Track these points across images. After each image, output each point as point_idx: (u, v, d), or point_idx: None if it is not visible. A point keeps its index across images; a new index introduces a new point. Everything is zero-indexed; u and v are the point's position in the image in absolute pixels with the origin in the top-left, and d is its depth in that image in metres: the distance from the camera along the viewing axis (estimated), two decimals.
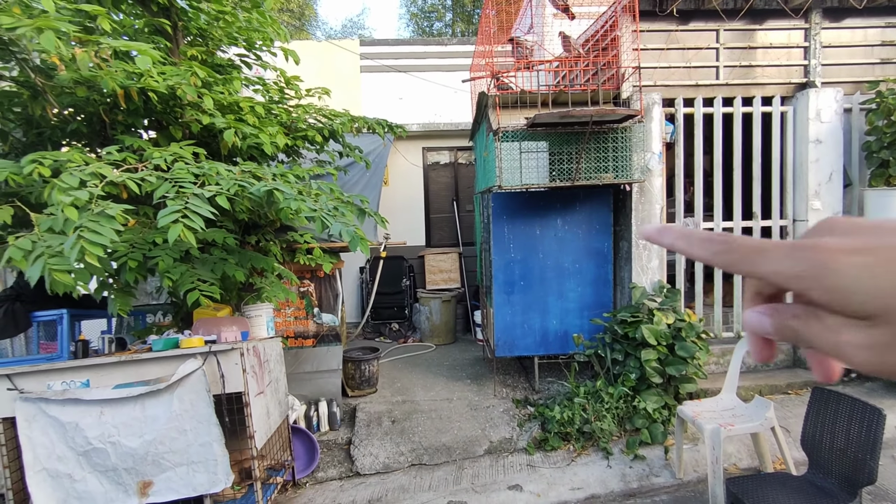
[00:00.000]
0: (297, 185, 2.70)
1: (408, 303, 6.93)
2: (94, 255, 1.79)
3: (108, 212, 1.90)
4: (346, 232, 2.34)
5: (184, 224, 2.07)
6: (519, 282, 4.44)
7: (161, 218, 1.95)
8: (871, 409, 2.41)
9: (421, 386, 4.81)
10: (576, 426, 3.68)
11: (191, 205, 2.13)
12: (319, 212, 2.39)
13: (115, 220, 1.90)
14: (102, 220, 1.87)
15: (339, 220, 2.40)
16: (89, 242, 1.78)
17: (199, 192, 2.21)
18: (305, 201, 2.49)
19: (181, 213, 2.06)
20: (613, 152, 3.90)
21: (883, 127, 4.00)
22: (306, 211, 2.30)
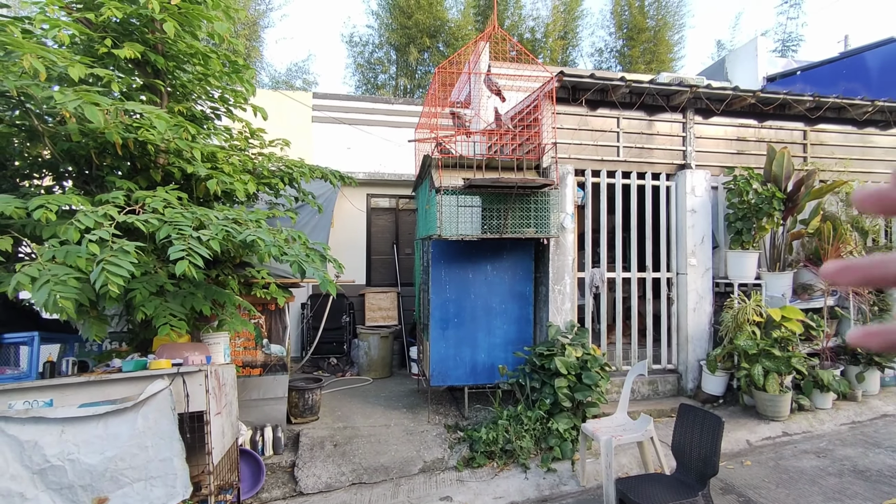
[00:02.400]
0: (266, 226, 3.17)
1: (347, 338, 7.29)
2: (116, 283, 2.18)
3: (126, 248, 2.29)
4: (318, 275, 2.84)
5: (188, 261, 2.49)
6: (453, 319, 5.04)
7: (172, 253, 2.37)
8: (714, 417, 3.19)
9: (360, 414, 5.19)
10: (499, 445, 4.24)
11: (193, 246, 2.56)
12: (297, 258, 2.88)
13: (130, 254, 2.30)
14: (120, 254, 2.26)
15: (310, 265, 2.90)
16: (112, 274, 2.17)
17: (198, 235, 2.65)
18: (282, 248, 2.97)
19: (186, 252, 2.49)
20: (535, 211, 4.69)
21: (737, 204, 5.13)
22: (288, 257, 2.78)
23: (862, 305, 5.22)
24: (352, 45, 18.51)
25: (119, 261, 2.23)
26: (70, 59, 2.42)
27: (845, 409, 4.90)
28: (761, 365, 4.52)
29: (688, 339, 5.22)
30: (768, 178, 5.15)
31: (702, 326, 5.24)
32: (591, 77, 5.03)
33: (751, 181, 5.04)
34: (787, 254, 5.29)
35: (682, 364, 5.28)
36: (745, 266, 5.10)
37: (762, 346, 4.55)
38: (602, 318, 5.22)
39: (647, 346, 5.33)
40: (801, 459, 3.99)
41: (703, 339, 5.25)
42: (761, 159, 5.61)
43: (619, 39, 19.10)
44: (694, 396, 5.15)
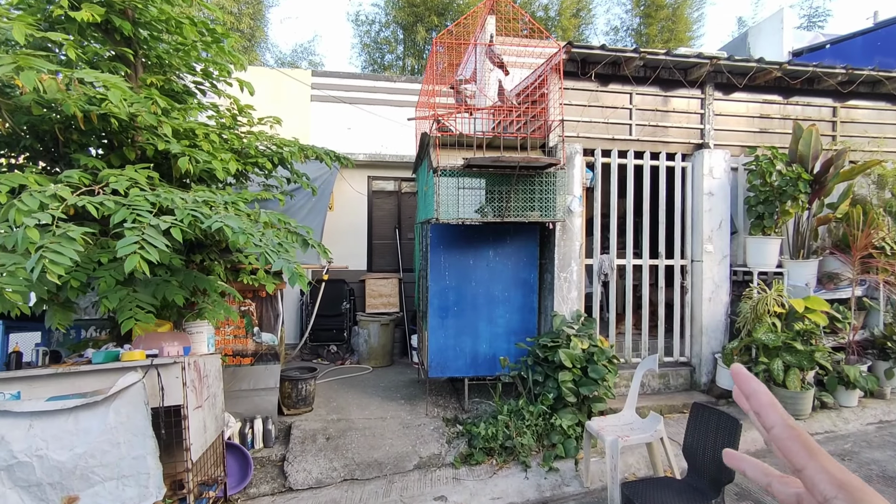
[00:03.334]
0: (245, 210, 2.92)
1: (347, 325, 7.09)
2: (56, 273, 1.94)
3: (70, 234, 2.05)
4: (287, 269, 2.57)
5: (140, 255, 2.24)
6: (453, 307, 4.78)
7: (120, 248, 2.12)
8: (731, 419, 2.91)
9: (356, 405, 4.99)
10: (499, 442, 4.01)
11: (147, 236, 2.31)
12: (264, 247, 2.62)
13: (76, 241, 2.06)
14: (64, 241, 2.02)
15: (282, 256, 2.64)
16: (52, 262, 1.93)
17: (156, 223, 2.39)
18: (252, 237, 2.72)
19: (139, 245, 2.24)
20: (540, 193, 4.39)
21: (759, 186, 4.76)
22: (252, 248, 2.52)
23: (893, 296, 4.86)
24: (358, 25, 18.07)
25: (62, 248, 1.99)
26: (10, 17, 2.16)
27: (872, 407, 4.58)
28: (781, 359, 4.21)
29: (702, 331, 4.91)
30: (794, 158, 4.77)
31: (717, 317, 4.93)
32: (602, 49, 4.67)
33: (774, 161, 4.67)
34: (811, 240, 4.92)
35: (696, 357, 4.99)
36: (766, 253, 4.76)
37: (783, 339, 4.23)
38: (611, 308, 4.93)
39: (659, 338, 5.04)
40: None
41: (719, 331, 4.94)
42: (786, 139, 5.22)
43: (636, 17, 18.40)
44: (708, 391, 4.86)
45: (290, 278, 2.49)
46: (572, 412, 4.09)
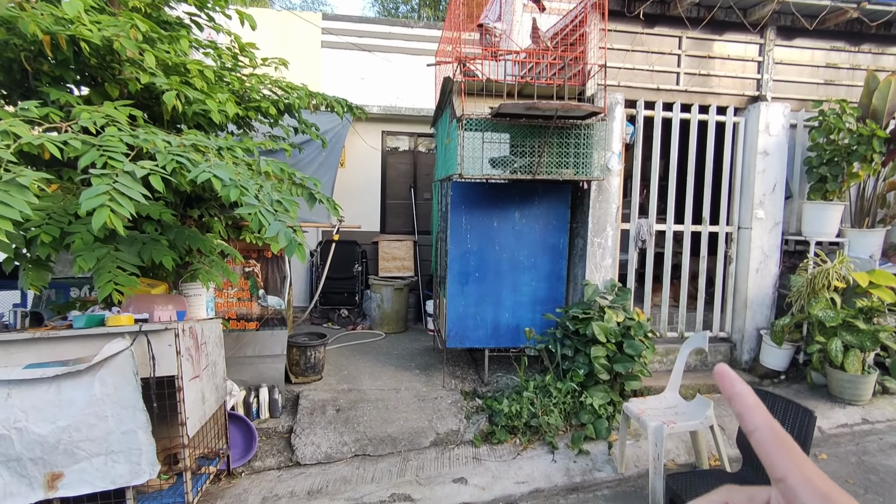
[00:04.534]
0: (243, 159, 2.50)
1: (359, 289, 6.76)
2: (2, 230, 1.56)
3: (21, 180, 1.66)
4: (284, 234, 2.17)
5: (111, 209, 1.85)
6: (474, 273, 4.39)
7: (85, 200, 1.73)
8: (803, 410, 2.52)
9: (368, 374, 4.69)
10: (523, 420, 3.68)
11: (120, 184, 1.91)
12: (258, 206, 2.21)
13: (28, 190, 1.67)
14: (13, 189, 1.63)
15: (280, 216, 2.23)
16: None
17: (131, 168, 1.99)
18: (247, 192, 2.30)
19: (108, 196, 1.84)
20: (575, 149, 3.90)
21: (823, 144, 4.22)
22: (244, 206, 2.12)
23: None
24: None
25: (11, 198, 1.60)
26: None
27: None
28: (841, 339, 3.78)
29: (746, 305, 4.48)
30: (866, 113, 4.19)
31: (764, 290, 4.48)
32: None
33: (844, 116, 4.10)
34: (878, 207, 4.40)
35: (738, 332, 4.57)
36: (826, 221, 4.26)
37: (843, 316, 3.79)
38: (647, 278, 4.50)
39: (698, 311, 4.62)
40: (891, 456, 3.32)
41: (765, 305, 4.50)
42: (854, 92, 4.62)
43: None
44: (750, 370, 4.47)
45: (287, 247, 2.09)
46: (604, 390, 3.74)
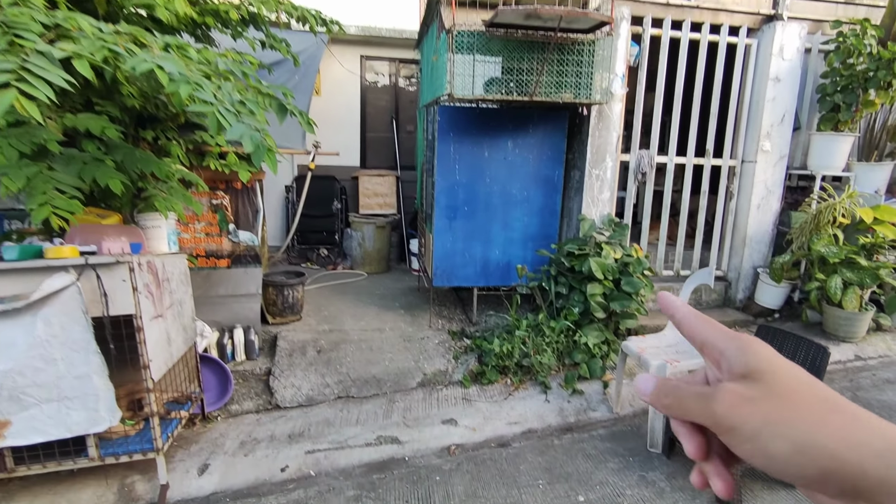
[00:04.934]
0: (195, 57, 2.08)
1: (338, 227, 6.42)
2: None
3: None
4: (251, 138, 1.80)
5: (19, 91, 1.46)
6: (462, 207, 4.09)
7: None
8: (816, 346, 2.37)
9: (350, 315, 4.46)
10: (515, 360, 3.52)
11: (31, 65, 1.50)
12: (216, 105, 1.82)
13: None
14: None
15: (243, 118, 1.85)
16: None
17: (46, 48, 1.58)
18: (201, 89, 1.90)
19: (15, 76, 1.45)
20: (577, 67, 3.52)
21: (840, 69, 3.91)
22: (198, 104, 1.73)
23: None
24: None
25: None
26: None
27: None
28: (841, 276, 3.66)
29: (745, 242, 4.32)
30: (888, 36, 3.88)
31: (764, 227, 4.31)
32: None
33: (865, 38, 3.78)
34: (889, 140, 4.18)
35: (734, 271, 4.44)
36: (834, 153, 4.04)
37: (846, 252, 3.65)
38: (645, 213, 4.27)
39: (695, 249, 4.45)
40: (883, 391, 3.28)
41: (764, 243, 4.34)
42: (875, 14, 4.27)
43: None
44: (744, 308, 4.37)
45: (255, 152, 1.74)
46: (599, 329, 3.58)
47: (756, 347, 0.34)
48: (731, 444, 0.33)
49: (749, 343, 0.35)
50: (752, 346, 0.34)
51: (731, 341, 0.35)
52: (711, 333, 0.37)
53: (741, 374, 0.33)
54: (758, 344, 0.35)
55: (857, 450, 0.28)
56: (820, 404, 0.30)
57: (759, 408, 0.31)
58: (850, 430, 0.29)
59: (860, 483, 0.27)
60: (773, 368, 0.32)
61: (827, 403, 0.30)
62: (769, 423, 0.30)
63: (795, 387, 0.31)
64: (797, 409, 0.30)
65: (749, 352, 0.34)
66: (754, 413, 0.31)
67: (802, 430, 0.29)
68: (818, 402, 0.30)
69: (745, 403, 0.32)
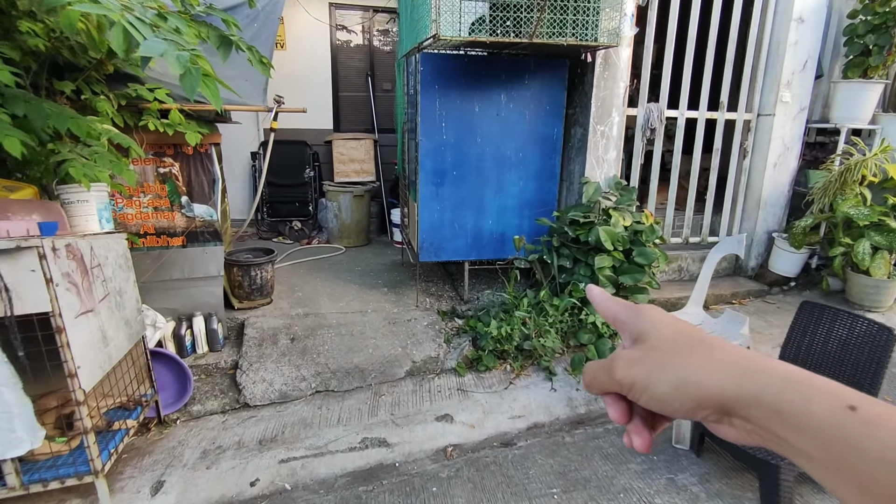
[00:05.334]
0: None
1: (312, 198, 5.88)
2: None
3: None
4: (177, 58, 1.29)
5: None
6: (451, 171, 3.61)
7: None
8: (878, 327, 2.02)
9: (328, 295, 4.00)
10: (514, 343, 3.14)
11: None
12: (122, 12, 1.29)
13: None
14: None
15: (162, 34, 1.32)
16: None
17: None
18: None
19: None
20: (583, 2, 3.00)
21: (874, 6, 3.48)
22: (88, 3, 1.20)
23: None
24: None
25: None
26: None
27: None
28: (869, 240, 3.33)
29: (759, 205, 3.95)
30: None
31: (780, 188, 3.94)
32: None
33: None
34: None
35: (747, 236, 4.09)
36: (861, 103, 3.65)
37: (878, 214, 3.30)
38: (653, 175, 3.86)
39: (706, 214, 4.07)
40: None
41: (779, 206, 3.99)
42: None
43: None
44: (756, 277, 4.04)
45: (185, 78, 1.24)
46: None
47: (646, 313, 0.39)
48: (635, 399, 0.36)
49: (641, 311, 0.39)
50: (643, 313, 0.39)
51: (629, 312, 0.40)
52: (617, 309, 0.41)
53: (634, 339, 0.38)
54: (648, 310, 0.39)
55: (716, 376, 0.32)
56: (690, 346, 0.34)
57: (644, 363, 0.35)
58: (709, 362, 0.33)
59: (724, 403, 0.31)
60: (655, 327, 0.37)
61: (695, 344, 0.34)
62: (651, 373, 0.34)
63: (671, 336, 0.36)
64: (672, 355, 0.34)
65: (640, 318, 0.38)
66: (642, 368, 0.35)
67: (676, 371, 0.33)
68: (689, 345, 0.35)
69: (634, 362, 0.36)
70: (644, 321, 0.38)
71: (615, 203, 3.35)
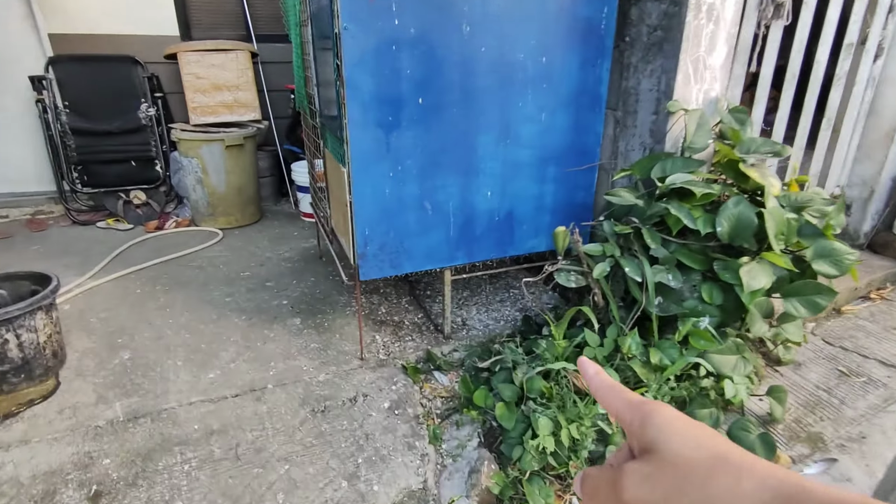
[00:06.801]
0: None
1: (157, 151, 3.67)
2: None
3: None
4: None
5: None
6: (412, 98, 1.75)
7: None
8: None
9: (185, 352, 2.08)
10: (585, 450, 1.52)
11: None
12: None
13: None
14: None
15: None
16: None
17: None
18: None
19: None
20: None
21: None
22: None
23: None
24: None
25: None
26: None
27: None
28: None
29: (890, 138, 2.54)
30: None
31: None
32: None
33: None
34: None
35: (860, 184, 2.70)
36: None
37: None
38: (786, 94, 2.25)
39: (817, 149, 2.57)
40: None
41: None
42: None
43: None
44: (872, 246, 2.70)
45: None
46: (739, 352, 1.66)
47: (655, 419, 0.31)
48: None
49: (649, 414, 0.32)
50: (651, 418, 0.31)
51: (634, 413, 0.33)
52: (617, 406, 0.34)
53: (643, 449, 0.31)
54: (658, 414, 0.31)
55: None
56: (710, 464, 0.28)
57: (658, 482, 0.29)
58: (737, 486, 0.26)
59: None
60: (666, 437, 0.30)
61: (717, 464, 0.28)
62: (670, 497, 0.28)
63: (687, 452, 0.29)
64: (689, 475, 0.28)
65: (647, 424, 0.31)
66: (653, 490, 0.29)
67: (696, 497, 0.27)
68: (709, 461, 0.28)
69: (644, 482, 0.29)
70: (652, 429, 0.30)
71: (744, 152, 1.72)
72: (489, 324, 2.31)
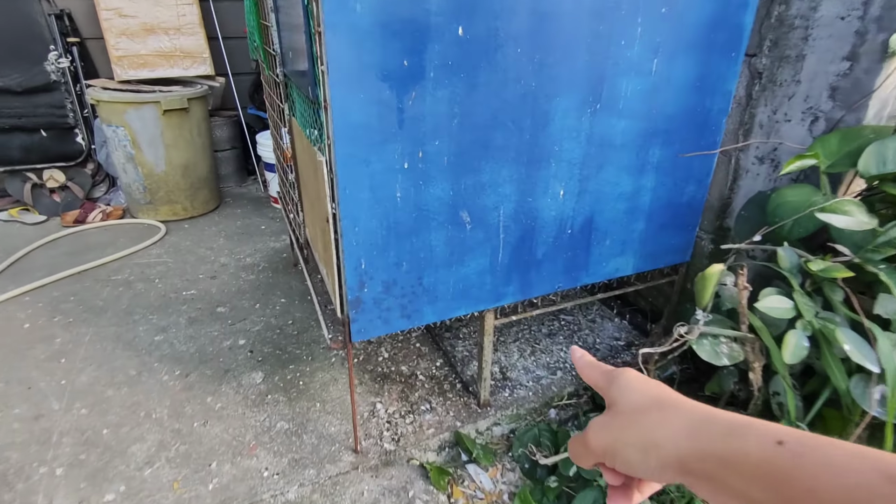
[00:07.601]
0: None
1: (76, 116, 2.78)
2: None
3: None
4: None
5: None
6: (447, 27, 0.94)
7: None
8: None
9: (71, 445, 1.30)
10: None
11: None
12: None
13: None
14: None
15: None
16: None
17: None
18: None
19: None
20: None
21: None
22: None
23: None
24: None
25: None
26: None
27: None
28: None
29: None
30: None
31: None
32: None
33: None
34: None
35: None
36: None
37: None
38: None
39: None
40: None
41: None
42: None
43: None
44: None
45: None
46: None
47: (619, 378, 0.37)
48: (611, 466, 0.35)
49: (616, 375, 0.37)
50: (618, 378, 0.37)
51: (606, 377, 0.38)
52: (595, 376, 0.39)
53: (609, 406, 0.36)
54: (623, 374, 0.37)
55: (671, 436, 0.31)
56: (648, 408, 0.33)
57: (611, 428, 0.34)
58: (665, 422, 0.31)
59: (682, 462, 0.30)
60: (623, 392, 0.35)
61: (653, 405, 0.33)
62: (619, 438, 0.33)
63: (636, 399, 0.34)
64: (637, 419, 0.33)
65: (613, 383, 0.37)
66: (609, 433, 0.34)
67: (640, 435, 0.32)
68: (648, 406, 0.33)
69: (601, 429, 0.35)
70: (615, 389, 0.36)
71: None
72: (539, 375, 1.59)
